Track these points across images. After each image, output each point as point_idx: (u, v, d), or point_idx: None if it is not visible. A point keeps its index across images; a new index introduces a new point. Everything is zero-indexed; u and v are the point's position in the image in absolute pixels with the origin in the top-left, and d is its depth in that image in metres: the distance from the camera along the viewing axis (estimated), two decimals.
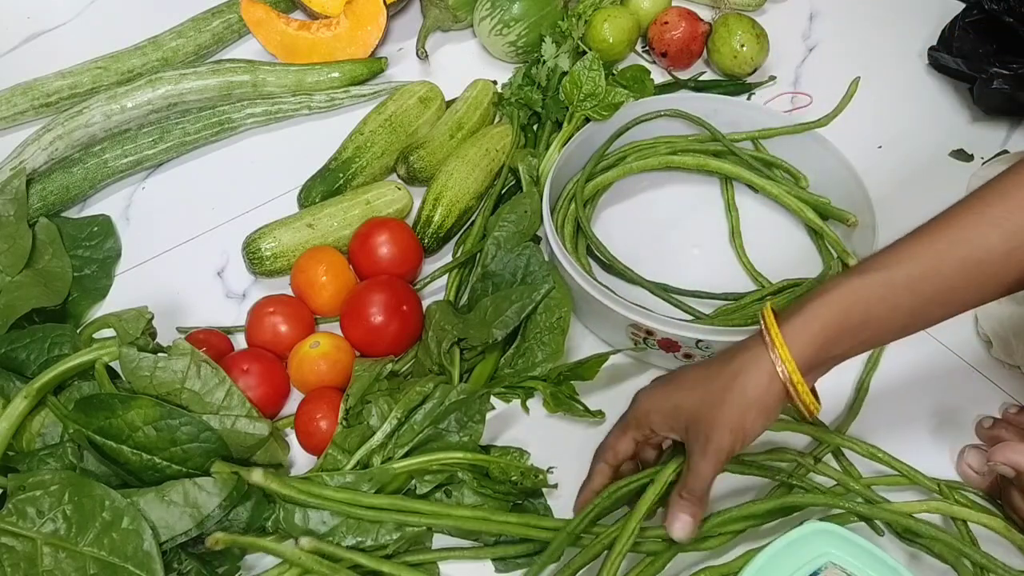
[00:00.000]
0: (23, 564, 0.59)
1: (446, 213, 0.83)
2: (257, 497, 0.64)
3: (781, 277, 0.80)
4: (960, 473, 0.69)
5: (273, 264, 0.80)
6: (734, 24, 0.96)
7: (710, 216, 0.86)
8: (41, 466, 0.64)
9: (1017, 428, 0.68)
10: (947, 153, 0.91)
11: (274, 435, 0.68)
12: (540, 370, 0.71)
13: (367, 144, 0.88)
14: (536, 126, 0.93)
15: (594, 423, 0.72)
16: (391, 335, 0.74)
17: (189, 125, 0.91)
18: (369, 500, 0.63)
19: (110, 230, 0.86)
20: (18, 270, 0.78)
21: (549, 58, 0.92)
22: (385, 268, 0.78)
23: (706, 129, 0.84)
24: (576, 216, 0.79)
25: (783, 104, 0.96)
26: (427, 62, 1.00)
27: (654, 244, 0.84)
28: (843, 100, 0.80)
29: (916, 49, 1.01)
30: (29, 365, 0.69)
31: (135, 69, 0.96)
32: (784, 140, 0.85)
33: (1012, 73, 0.89)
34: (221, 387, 0.65)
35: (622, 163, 0.85)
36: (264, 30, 0.99)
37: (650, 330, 0.70)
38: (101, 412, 0.63)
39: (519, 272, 0.74)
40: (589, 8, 0.97)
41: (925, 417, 0.73)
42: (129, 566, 0.59)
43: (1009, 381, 0.75)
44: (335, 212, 0.82)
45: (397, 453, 0.66)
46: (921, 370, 0.75)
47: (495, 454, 0.68)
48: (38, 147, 0.88)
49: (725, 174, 0.86)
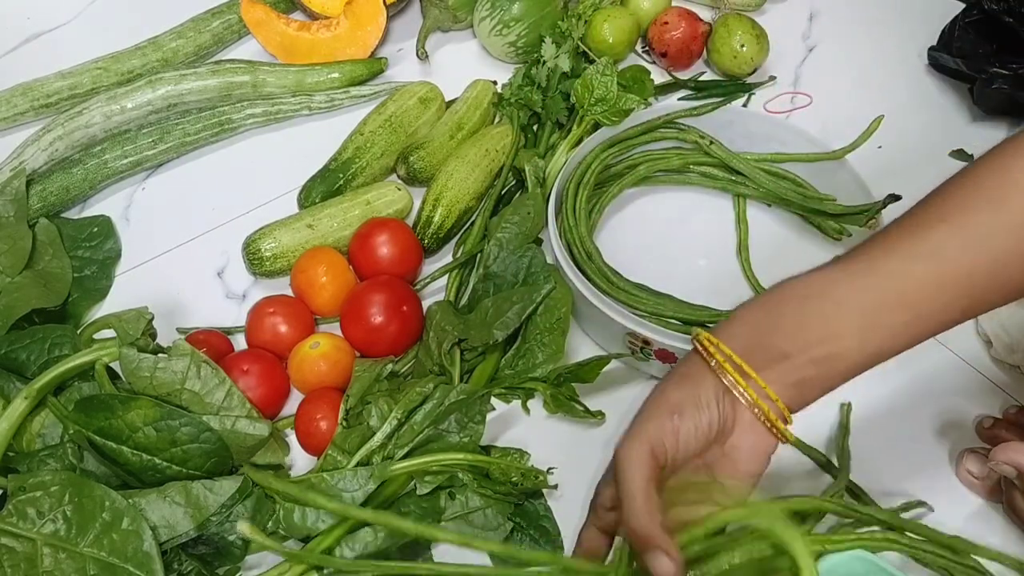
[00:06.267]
0: (23, 565, 0.59)
1: (446, 213, 0.83)
2: (257, 497, 0.64)
3: None
4: (959, 478, 0.69)
5: (273, 264, 0.80)
6: (734, 24, 0.96)
7: (719, 227, 0.85)
8: (41, 467, 0.64)
9: (1017, 428, 0.68)
10: (947, 153, 0.91)
11: (274, 435, 0.68)
12: (541, 371, 0.71)
13: (367, 145, 0.88)
14: (536, 126, 0.93)
15: (594, 424, 0.72)
16: (391, 335, 0.74)
17: (189, 126, 0.91)
18: (359, 513, 0.62)
19: (110, 231, 0.86)
20: (18, 271, 0.78)
21: (549, 58, 0.92)
22: (385, 268, 0.78)
23: (721, 155, 0.84)
24: (580, 238, 0.78)
25: (783, 104, 0.96)
26: (427, 62, 1.00)
27: (661, 253, 0.84)
28: (862, 135, 0.80)
29: (916, 49, 1.01)
30: (29, 366, 0.69)
31: (135, 70, 0.96)
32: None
33: (1012, 73, 0.89)
34: (221, 388, 0.65)
35: (633, 172, 0.84)
36: (264, 30, 0.99)
37: (647, 340, 0.70)
38: (101, 413, 0.63)
39: (521, 273, 0.74)
40: (589, 8, 0.97)
41: (925, 417, 0.73)
42: (129, 567, 0.59)
43: (1009, 381, 0.75)
44: (335, 212, 0.82)
45: (397, 454, 0.66)
46: (921, 370, 0.75)
47: (495, 455, 0.68)
48: (38, 148, 0.88)
49: (737, 193, 0.86)
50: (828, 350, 0.51)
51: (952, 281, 0.50)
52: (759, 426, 0.52)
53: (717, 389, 0.52)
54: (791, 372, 0.51)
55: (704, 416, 0.51)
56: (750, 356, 0.52)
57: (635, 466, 0.50)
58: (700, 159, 0.85)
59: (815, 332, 0.51)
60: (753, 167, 0.84)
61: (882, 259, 0.51)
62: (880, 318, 0.51)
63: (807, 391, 0.52)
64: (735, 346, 0.52)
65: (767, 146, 0.86)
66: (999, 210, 0.50)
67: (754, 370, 0.51)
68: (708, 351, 0.53)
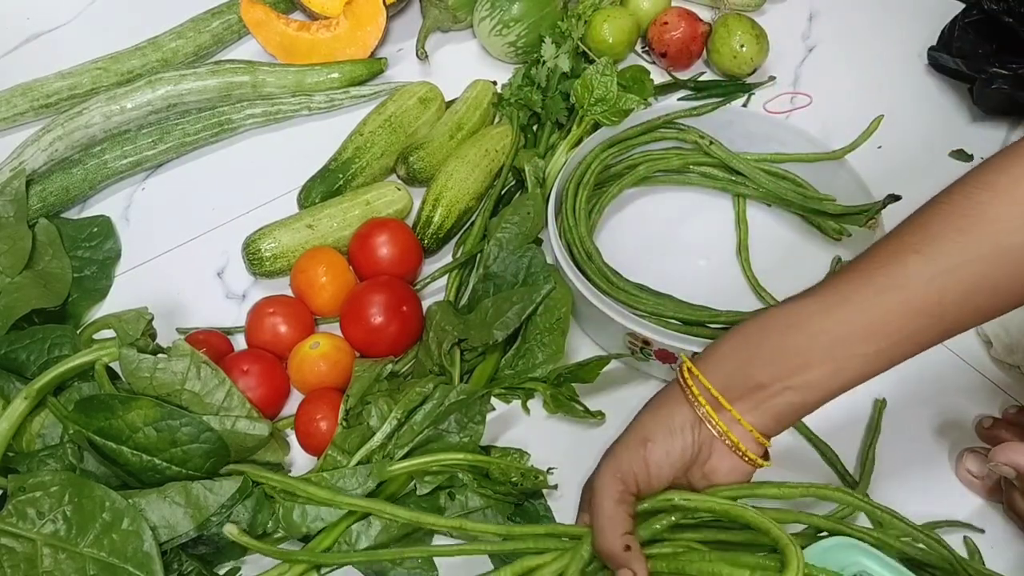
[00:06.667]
0: (23, 565, 0.59)
1: (446, 213, 0.83)
2: (257, 497, 0.64)
3: (785, 294, 0.79)
4: (960, 478, 0.69)
5: (273, 265, 0.80)
6: (734, 24, 0.96)
7: (719, 227, 0.85)
8: (41, 467, 0.64)
9: (1017, 428, 0.68)
10: (947, 153, 0.91)
11: (274, 436, 0.68)
12: (540, 371, 0.71)
13: (367, 145, 0.87)
14: (536, 126, 0.93)
15: (594, 424, 0.72)
16: (391, 336, 0.74)
17: (189, 126, 0.91)
18: (365, 504, 0.63)
19: (110, 231, 0.86)
20: (18, 271, 0.78)
21: (549, 59, 0.92)
22: (385, 268, 0.78)
23: (721, 156, 0.84)
24: (580, 238, 0.78)
25: (783, 104, 0.96)
26: (427, 62, 1.00)
27: (661, 253, 0.84)
28: (862, 135, 0.80)
29: (916, 49, 1.01)
30: (29, 366, 0.69)
31: (135, 70, 0.96)
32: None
33: (1012, 73, 0.89)
34: (221, 388, 0.65)
35: (632, 172, 0.84)
36: (264, 31, 0.99)
37: (647, 340, 0.70)
38: (101, 413, 0.63)
39: (521, 273, 0.74)
40: (589, 8, 0.97)
41: (925, 417, 0.73)
42: (129, 567, 0.59)
43: (1009, 381, 0.75)
44: (335, 213, 0.82)
45: (397, 454, 0.66)
46: (921, 370, 0.75)
47: (495, 455, 0.68)
48: (38, 148, 0.88)
49: (737, 193, 0.86)
50: (803, 379, 0.53)
51: (923, 310, 0.52)
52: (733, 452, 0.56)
53: (691, 418, 0.55)
54: (766, 401, 0.54)
55: (677, 442, 0.55)
56: (728, 388, 0.55)
57: (604, 493, 0.54)
58: (700, 159, 0.85)
59: (790, 362, 0.53)
60: (753, 167, 0.84)
61: (856, 291, 0.53)
62: (853, 348, 0.53)
63: (782, 418, 0.55)
64: (715, 379, 0.55)
65: (767, 146, 0.86)
66: (967, 240, 0.51)
67: (730, 401, 0.55)
68: (687, 382, 0.56)
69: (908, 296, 0.52)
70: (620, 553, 0.52)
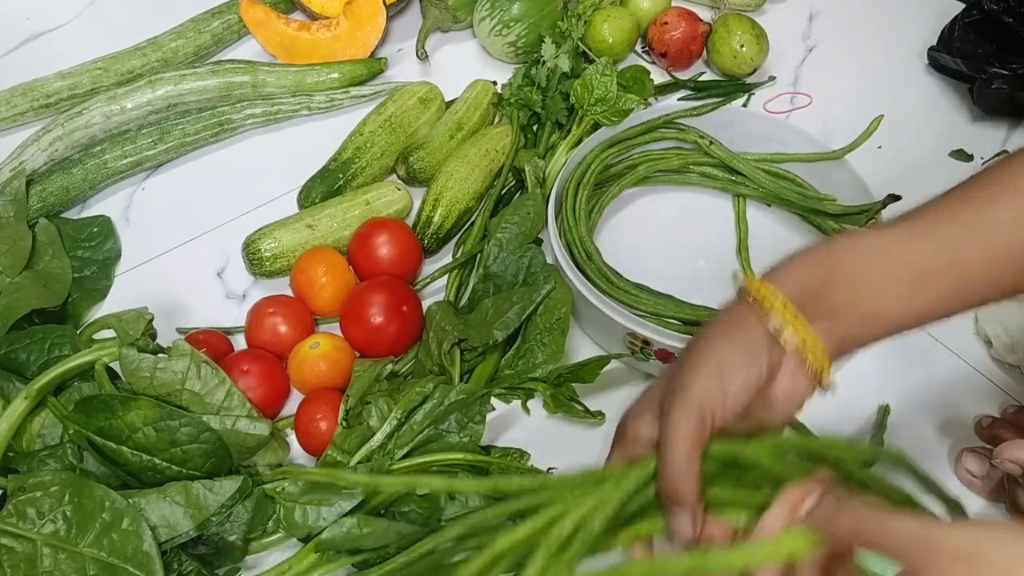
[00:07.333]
0: (23, 565, 0.59)
1: (446, 214, 0.83)
2: (257, 497, 0.64)
3: None
4: (959, 478, 0.69)
5: (273, 265, 0.80)
6: (734, 24, 0.96)
7: (719, 227, 0.85)
8: (41, 467, 0.64)
9: (1016, 428, 0.68)
10: (947, 153, 0.91)
11: (274, 436, 0.68)
12: (541, 371, 0.71)
13: (367, 145, 0.88)
14: (536, 126, 0.93)
15: (594, 424, 0.72)
16: (391, 336, 0.74)
17: (189, 126, 0.91)
18: (386, 482, 0.61)
19: (110, 231, 0.86)
20: (18, 271, 0.78)
21: (549, 59, 0.92)
22: (385, 268, 0.78)
23: (721, 156, 0.84)
24: (580, 237, 0.78)
25: (783, 104, 0.97)
26: (427, 62, 1.00)
27: (661, 253, 0.84)
28: (862, 135, 0.80)
29: (916, 49, 1.01)
30: (29, 366, 0.69)
31: (135, 70, 0.96)
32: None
33: (1012, 73, 0.89)
34: (221, 388, 0.65)
35: (632, 172, 0.84)
36: (264, 31, 0.99)
37: (647, 340, 0.70)
38: (101, 413, 0.63)
39: (521, 273, 0.74)
40: (589, 8, 0.97)
41: (925, 417, 0.73)
42: (129, 567, 0.59)
43: (1009, 381, 0.75)
44: (335, 213, 0.82)
45: (397, 454, 0.66)
46: (921, 370, 0.75)
47: (495, 455, 0.68)
48: (38, 148, 0.88)
49: (737, 193, 0.86)
50: (874, 308, 0.51)
51: (1003, 256, 0.51)
52: (798, 373, 0.52)
53: (767, 339, 0.51)
54: (837, 326, 0.51)
55: (754, 371, 0.50)
56: (802, 306, 0.51)
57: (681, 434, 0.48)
58: (700, 159, 0.85)
59: (865, 289, 0.51)
60: (753, 167, 0.84)
61: (941, 225, 0.51)
62: (929, 283, 0.51)
63: (847, 345, 0.52)
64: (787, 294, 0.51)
65: (767, 146, 0.86)
66: None
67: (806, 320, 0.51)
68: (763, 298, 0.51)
69: (991, 239, 0.51)
70: (690, 497, 0.47)
